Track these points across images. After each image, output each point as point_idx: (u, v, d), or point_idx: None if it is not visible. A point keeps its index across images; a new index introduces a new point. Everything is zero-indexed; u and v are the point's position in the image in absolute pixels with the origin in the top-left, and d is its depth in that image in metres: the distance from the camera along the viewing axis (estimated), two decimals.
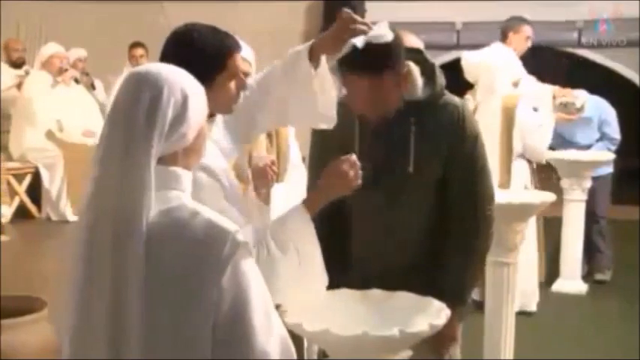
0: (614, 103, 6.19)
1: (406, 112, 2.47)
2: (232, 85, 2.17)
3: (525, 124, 5.37)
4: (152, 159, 1.61)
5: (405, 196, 2.51)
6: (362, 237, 2.61)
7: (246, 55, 2.77)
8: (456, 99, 2.55)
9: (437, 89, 2.51)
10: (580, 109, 5.70)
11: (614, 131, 6.09)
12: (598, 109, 6.04)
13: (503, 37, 5.65)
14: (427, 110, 2.48)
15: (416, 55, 2.53)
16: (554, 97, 5.60)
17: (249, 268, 1.62)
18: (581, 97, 5.70)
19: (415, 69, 2.49)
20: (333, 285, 2.51)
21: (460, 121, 2.49)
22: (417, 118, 2.47)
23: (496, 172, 4.34)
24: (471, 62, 5.59)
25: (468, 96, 5.45)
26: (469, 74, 5.52)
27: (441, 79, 2.53)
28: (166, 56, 2.10)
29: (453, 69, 5.21)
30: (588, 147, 6.06)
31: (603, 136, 6.09)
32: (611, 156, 5.91)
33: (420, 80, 2.49)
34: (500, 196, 2.68)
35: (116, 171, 1.61)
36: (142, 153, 1.60)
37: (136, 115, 1.61)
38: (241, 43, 2.74)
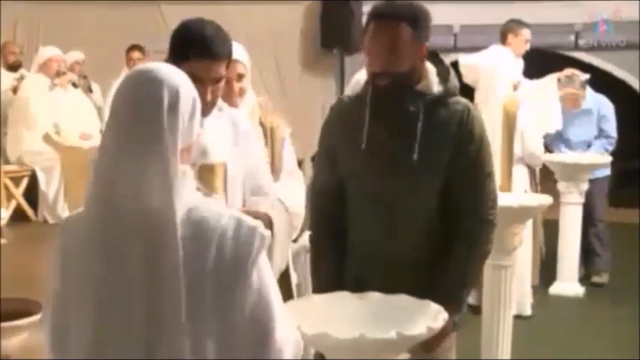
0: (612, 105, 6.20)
1: (417, 101, 2.49)
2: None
3: (525, 129, 5.39)
4: (178, 156, 1.64)
5: (408, 186, 2.51)
6: (362, 231, 2.60)
7: (241, 58, 2.76)
8: (466, 101, 2.58)
9: (449, 88, 2.56)
10: (584, 86, 5.79)
11: (612, 129, 6.09)
12: (598, 102, 6.07)
13: (503, 40, 5.66)
14: (438, 105, 2.52)
15: (433, 57, 2.59)
16: (558, 80, 5.63)
17: (265, 260, 1.70)
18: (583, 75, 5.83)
19: (432, 69, 2.56)
20: (331, 281, 2.55)
21: (469, 122, 2.52)
22: (427, 110, 2.50)
23: (497, 175, 4.32)
24: (471, 65, 5.59)
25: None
26: (468, 77, 5.53)
27: (454, 81, 2.58)
28: None
29: None
30: (586, 143, 6.05)
31: (601, 133, 6.08)
32: (609, 159, 5.92)
33: (435, 78, 2.55)
34: (498, 199, 2.67)
35: (139, 169, 1.61)
36: (170, 151, 1.63)
37: (160, 113, 1.63)
38: (235, 44, 2.75)
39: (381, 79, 2.49)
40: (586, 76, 5.87)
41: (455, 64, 5.80)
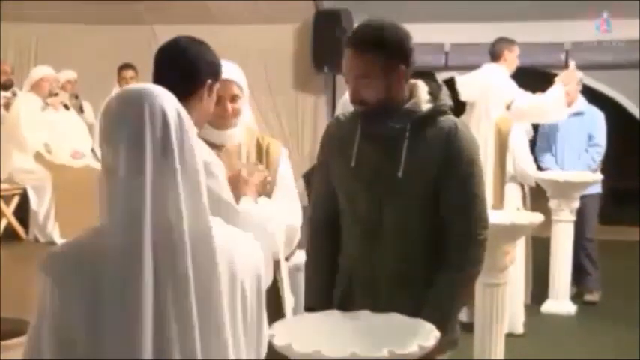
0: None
1: (404, 120, 2.50)
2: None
3: (517, 147, 5.42)
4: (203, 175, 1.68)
5: (393, 205, 2.51)
6: (351, 246, 2.61)
7: (236, 78, 2.77)
8: (455, 119, 2.56)
9: (438, 106, 2.54)
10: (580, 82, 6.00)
11: (601, 137, 6.10)
12: (589, 108, 6.13)
13: (497, 57, 5.72)
14: (425, 123, 2.51)
15: (427, 76, 2.62)
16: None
17: None
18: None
19: (423, 86, 2.56)
20: (321, 293, 2.60)
21: (456, 140, 2.49)
22: (414, 128, 2.50)
23: (489, 194, 4.36)
24: (468, 83, 5.63)
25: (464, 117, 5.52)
26: (465, 95, 5.56)
27: (445, 99, 2.57)
28: None
29: None
30: (576, 153, 6.07)
31: (590, 141, 6.10)
32: (599, 177, 5.93)
33: (425, 96, 2.55)
34: (490, 217, 2.68)
35: (175, 186, 1.59)
36: (200, 167, 1.64)
37: (186, 131, 1.64)
38: (231, 65, 2.77)
39: (358, 106, 2.52)
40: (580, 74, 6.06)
41: (447, 82, 5.85)
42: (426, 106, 2.53)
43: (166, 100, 1.64)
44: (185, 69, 2.40)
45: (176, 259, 1.58)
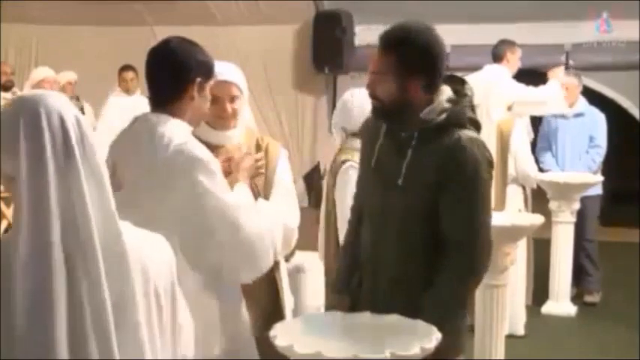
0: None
1: (413, 128, 2.50)
2: None
3: (518, 149, 5.42)
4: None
5: (394, 208, 2.52)
6: (364, 241, 2.66)
7: (235, 80, 2.77)
8: (463, 132, 2.49)
9: (451, 116, 2.50)
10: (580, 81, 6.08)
11: (602, 138, 6.11)
12: (590, 109, 6.15)
13: (499, 59, 5.75)
14: (433, 134, 2.48)
15: (455, 82, 2.61)
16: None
17: None
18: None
19: (445, 93, 2.53)
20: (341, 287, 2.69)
21: (458, 154, 2.44)
22: (421, 138, 2.49)
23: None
24: (472, 83, 5.64)
25: None
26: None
27: (464, 110, 2.53)
28: None
29: None
30: (577, 155, 6.07)
31: (590, 142, 6.10)
32: (600, 178, 5.93)
33: (441, 105, 2.51)
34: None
35: (79, 186, 1.59)
36: (104, 171, 1.65)
37: (86, 135, 1.64)
38: (230, 66, 2.78)
39: (373, 100, 2.55)
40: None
41: None
42: (439, 115, 2.49)
43: (63, 105, 1.63)
44: (174, 68, 2.45)
45: (87, 261, 1.57)
